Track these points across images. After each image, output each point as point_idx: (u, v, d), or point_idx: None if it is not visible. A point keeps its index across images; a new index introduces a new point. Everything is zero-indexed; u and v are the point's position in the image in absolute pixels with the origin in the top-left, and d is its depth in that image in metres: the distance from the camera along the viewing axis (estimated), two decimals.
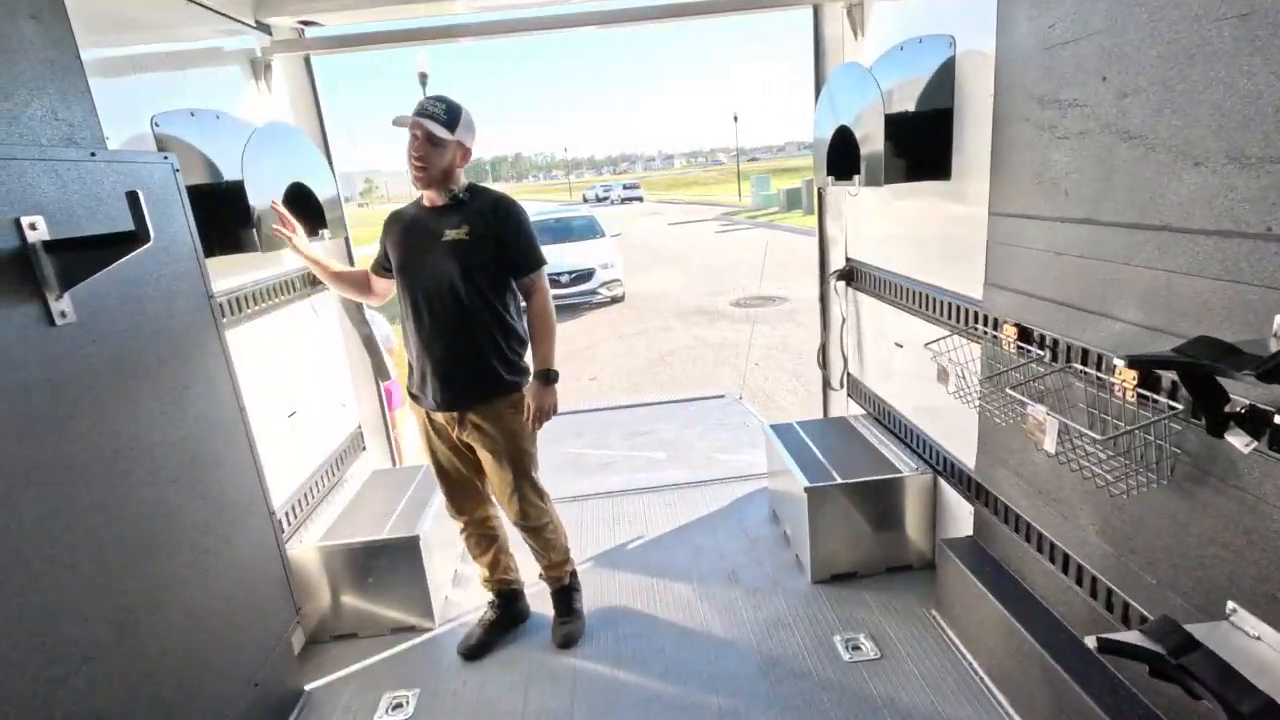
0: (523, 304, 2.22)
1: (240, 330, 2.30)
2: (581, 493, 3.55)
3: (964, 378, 1.91)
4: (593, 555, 2.96)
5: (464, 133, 2.05)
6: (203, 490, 1.76)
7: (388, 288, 2.33)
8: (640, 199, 46.93)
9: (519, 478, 2.22)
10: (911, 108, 2.29)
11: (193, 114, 2.19)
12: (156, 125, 2.01)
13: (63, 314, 1.36)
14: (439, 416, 2.19)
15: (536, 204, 38.96)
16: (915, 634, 2.29)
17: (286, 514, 2.48)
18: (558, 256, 11.35)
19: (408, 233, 2.13)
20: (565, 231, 12.94)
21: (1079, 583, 1.73)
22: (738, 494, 3.41)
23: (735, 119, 43.57)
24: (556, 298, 9.07)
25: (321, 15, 2.86)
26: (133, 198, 1.33)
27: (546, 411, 2.18)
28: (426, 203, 2.13)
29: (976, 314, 2.08)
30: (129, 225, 1.41)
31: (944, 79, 2.15)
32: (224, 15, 2.50)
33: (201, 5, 2.38)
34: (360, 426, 3.21)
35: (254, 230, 2.13)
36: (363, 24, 2.97)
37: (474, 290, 2.05)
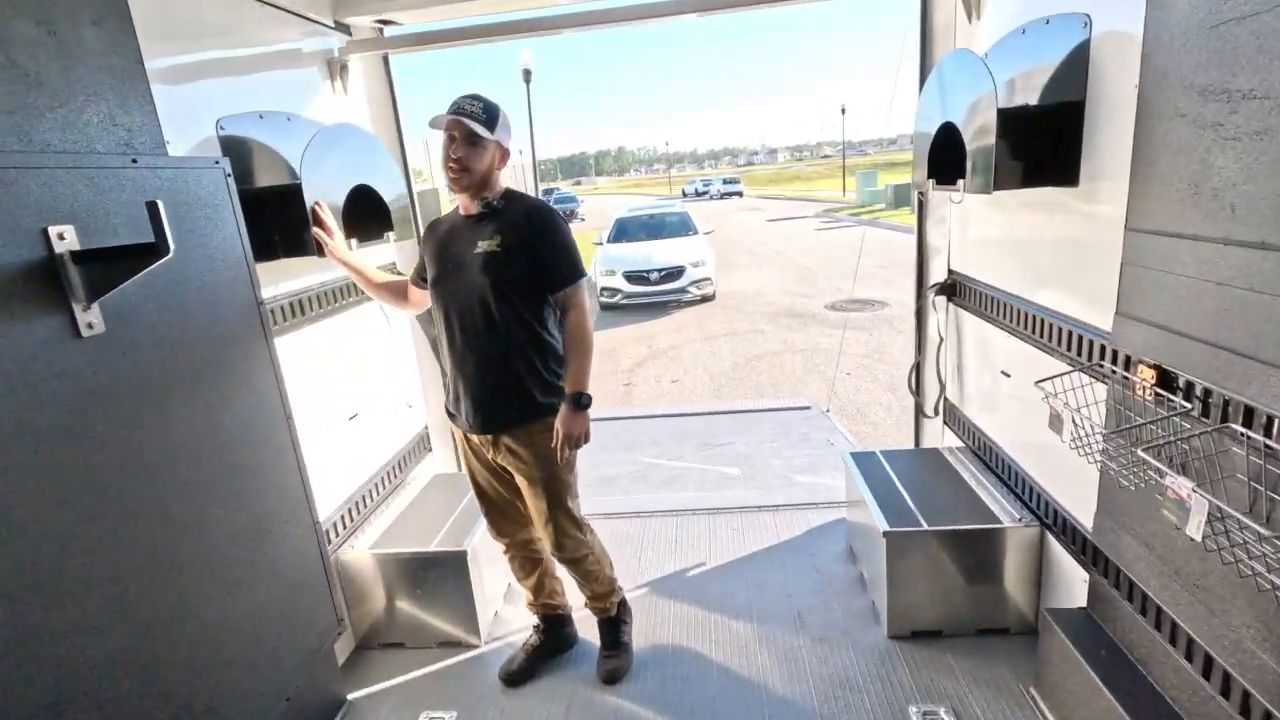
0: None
1: (303, 333, 2.29)
2: (646, 509, 3.39)
3: (1081, 425, 1.59)
4: (650, 580, 2.80)
5: (502, 133, 1.92)
6: (239, 502, 1.73)
7: (425, 298, 2.20)
8: (740, 194, 46.12)
9: (553, 507, 2.06)
10: (1033, 101, 1.95)
11: (261, 116, 2.18)
12: (222, 128, 2.01)
13: (90, 325, 1.34)
14: (475, 437, 2.08)
15: (633, 199, 39.23)
16: (1007, 714, 1.97)
17: (343, 516, 2.47)
18: (647, 254, 11.27)
19: (443, 244, 2.01)
20: (657, 228, 12.81)
21: (1224, 693, 1.39)
22: (812, 523, 3.14)
23: (843, 111, 41.89)
24: (643, 295, 9.01)
25: (400, 14, 2.83)
26: (152, 208, 1.28)
27: (576, 439, 1.97)
28: (463, 211, 2.00)
29: (1104, 348, 1.74)
30: (173, 232, 1.38)
31: (1074, 67, 1.81)
32: (303, 17, 2.51)
33: (280, 8, 2.39)
34: (427, 428, 3.20)
35: (309, 234, 2.10)
36: (441, 21, 2.93)
37: (506, 305, 1.91)
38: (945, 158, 2.24)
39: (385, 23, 2.87)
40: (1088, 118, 1.80)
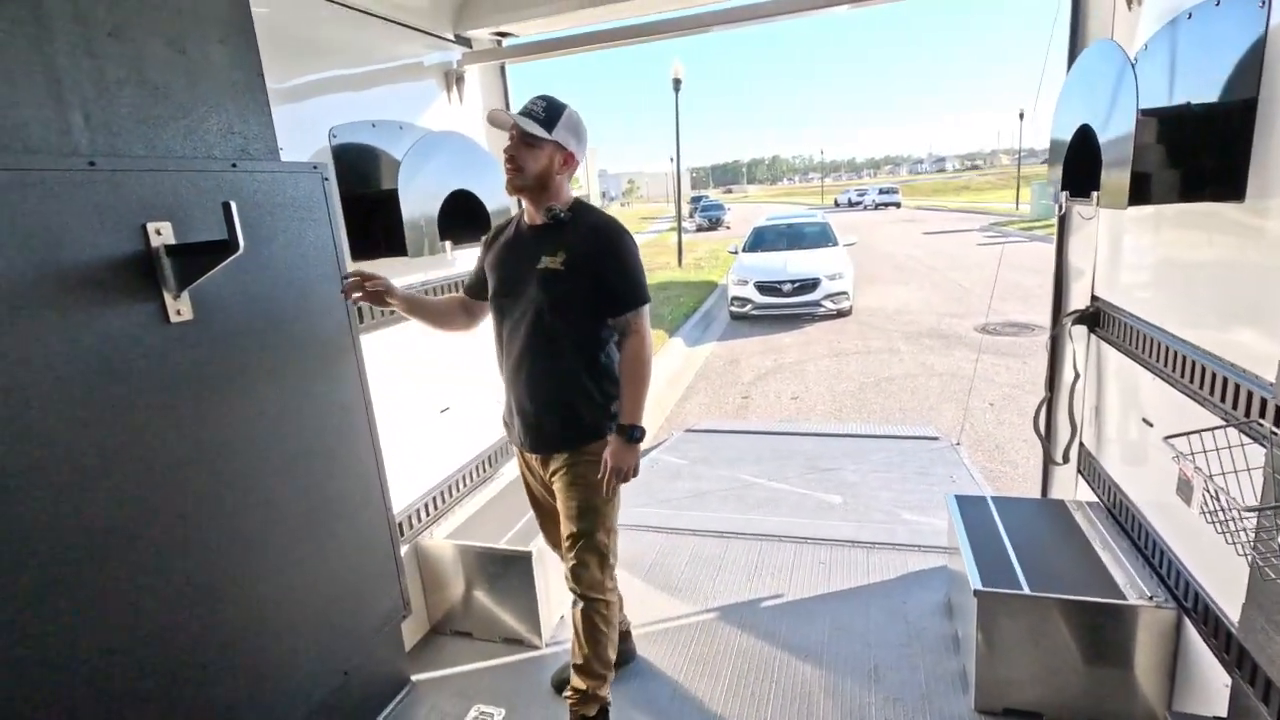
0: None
1: (399, 328, 2.43)
2: (731, 530, 3.26)
3: (1217, 498, 1.28)
4: (721, 605, 2.68)
5: (565, 134, 1.80)
6: (311, 485, 1.86)
7: (472, 312, 2.11)
8: (897, 204, 43.66)
9: (583, 535, 1.91)
10: (1197, 99, 1.63)
11: (374, 125, 2.35)
12: (334, 137, 2.19)
13: (178, 312, 1.49)
14: (523, 453, 2.04)
15: (781, 207, 38.43)
16: None
17: (426, 504, 2.60)
18: (781, 264, 10.94)
19: (504, 255, 1.94)
20: (796, 238, 12.42)
21: None
22: (911, 567, 2.85)
23: (1021, 116, 38.26)
24: (775, 307, 8.75)
25: (517, 25, 2.94)
26: (225, 208, 1.40)
27: (625, 473, 1.86)
28: (527, 220, 1.91)
29: (1264, 402, 1.40)
30: (264, 230, 1.51)
31: (1246, 59, 1.48)
32: (425, 32, 2.68)
33: (404, 25, 2.56)
34: None
35: (403, 237, 2.22)
36: (557, 30, 3.00)
37: (565, 326, 1.82)
38: (1082, 165, 1.94)
39: (503, 34, 2.99)
40: (1260, 119, 1.46)
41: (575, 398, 1.87)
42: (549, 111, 1.79)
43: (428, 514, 2.60)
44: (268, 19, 1.88)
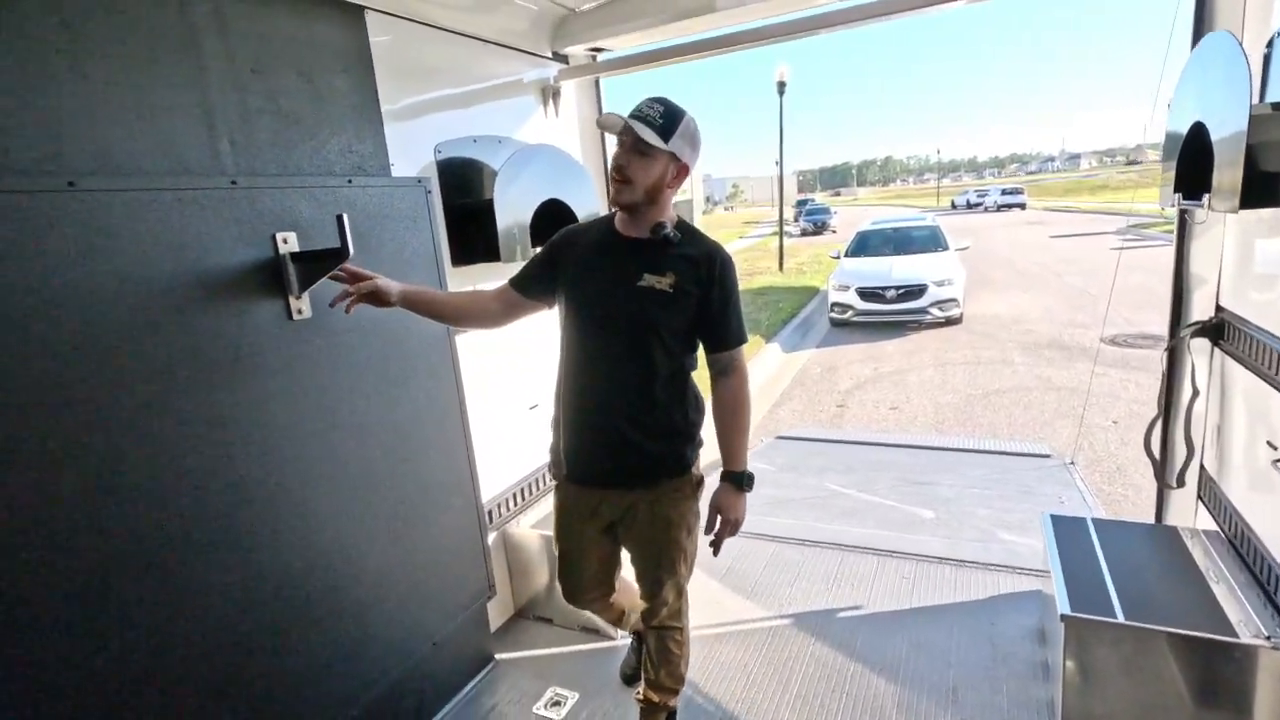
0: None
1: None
2: (813, 538, 3.22)
3: None
4: (796, 612, 2.66)
5: (681, 144, 1.60)
6: (408, 470, 2.04)
7: (513, 308, 1.86)
8: (1021, 205, 40.72)
9: (665, 572, 1.81)
10: None
11: (475, 140, 2.54)
12: (439, 152, 2.38)
13: (299, 311, 1.70)
14: (588, 490, 1.82)
15: (885, 211, 36.84)
16: None
17: (515, 494, 2.76)
18: (886, 269, 10.55)
19: (591, 261, 1.72)
20: (903, 243, 11.91)
21: None
22: (1002, 588, 2.71)
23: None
24: (877, 314, 8.54)
25: (612, 40, 3.06)
26: (338, 219, 1.59)
27: (736, 525, 1.77)
28: (621, 228, 1.71)
29: None
30: (374, 238, 1.70)
31: None
32: (525, 51, 2.85)
33: (504, 45, 2.74)
34: None
35: (497, 243, 2.38)
36: (651, 43, 3.09)
37: (665, 354, 1.66)
38: (1197, 164, 1.80)
39: (598, 49, 3.12)
40: None
41: (670, 429, 1.73)
42: (666, 118, 1.58)
43: (514, 504, 2.76)
44: (383, 46, 2.09)
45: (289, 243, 1.67)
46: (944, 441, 4.91)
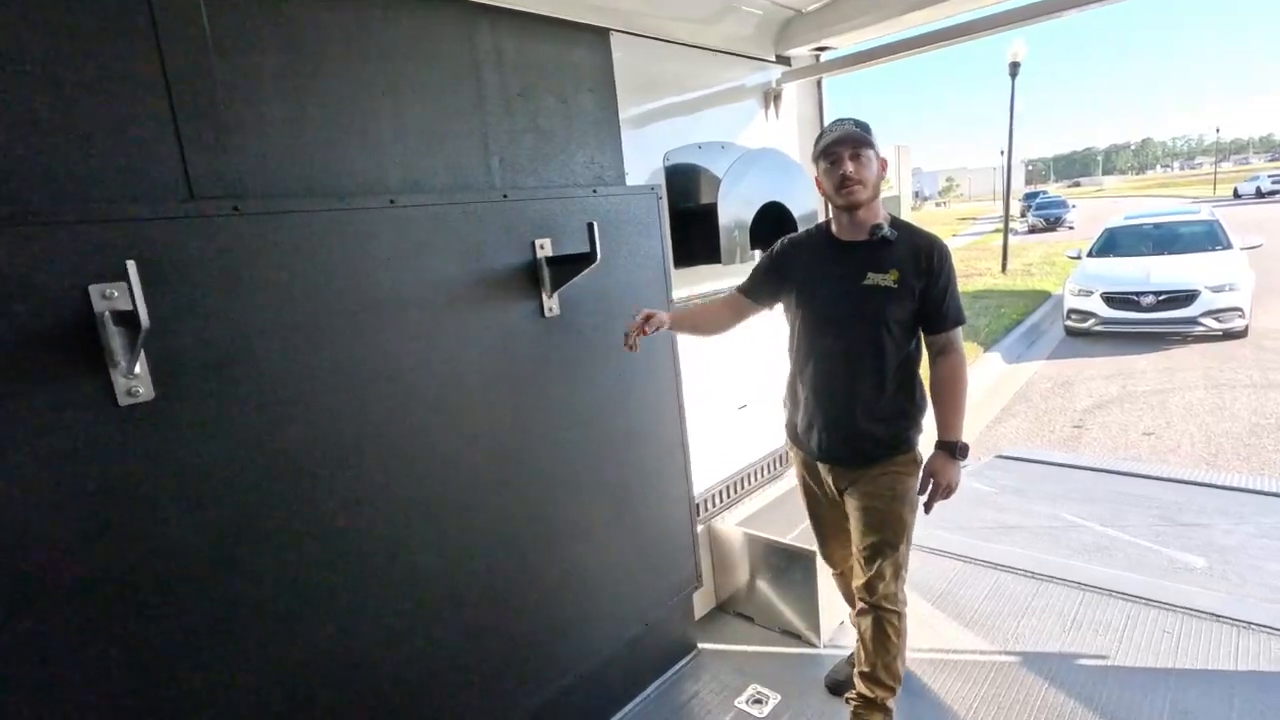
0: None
1: None
2: (1046, 572, 2.89)
3: None
4: (1023, 650, 2.42)
5: (878, 143, 1.86)
6: (631, 459, 2.19)
7: (741, 314, 2.10)
8: None
9: (883, 546, 1.91)
10: None
11: (700, 146, 2.63)
12: (667, 159, 2.51)
13: (551, 309, 1.90)
14: (820, 464, 2.03)
15: (1141, 202, 31.37)
16: None
17: (721, 491, 2.83)
18: (1143, 271, 9.03)
19: (817, 268, 1.92)
20: (1167, 240, 10.07)
21: None
22: None
23: None
24: (1127, 323, 7.54)
25: (836, 39, 3.00)
26: (589, 227, 1.75)
27: (950, 489, 1.89)
28: (839, 234, 1.91)
29: None
30: (612, 243, 1.87)
31: None
32: (749, 57, 2.90)
33: (729, 53, 2.81)
34: None
35: (718, 245, 2.46)
36: (876, 39, 2.98)
37: (894, 345, 1.84)
38: None
39: (822, 49, 3.07)
40: None
41: (898, 413, 1.90)
42: (860, 125, 1.83)
43: (721, 500, 2.83)
44: (621, 63, 2.25)
45: (545, 248, 1.88)
46: (1221, 479, 4.12)
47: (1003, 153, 18.80)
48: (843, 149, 1.81)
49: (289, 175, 1.50)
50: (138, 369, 1.21)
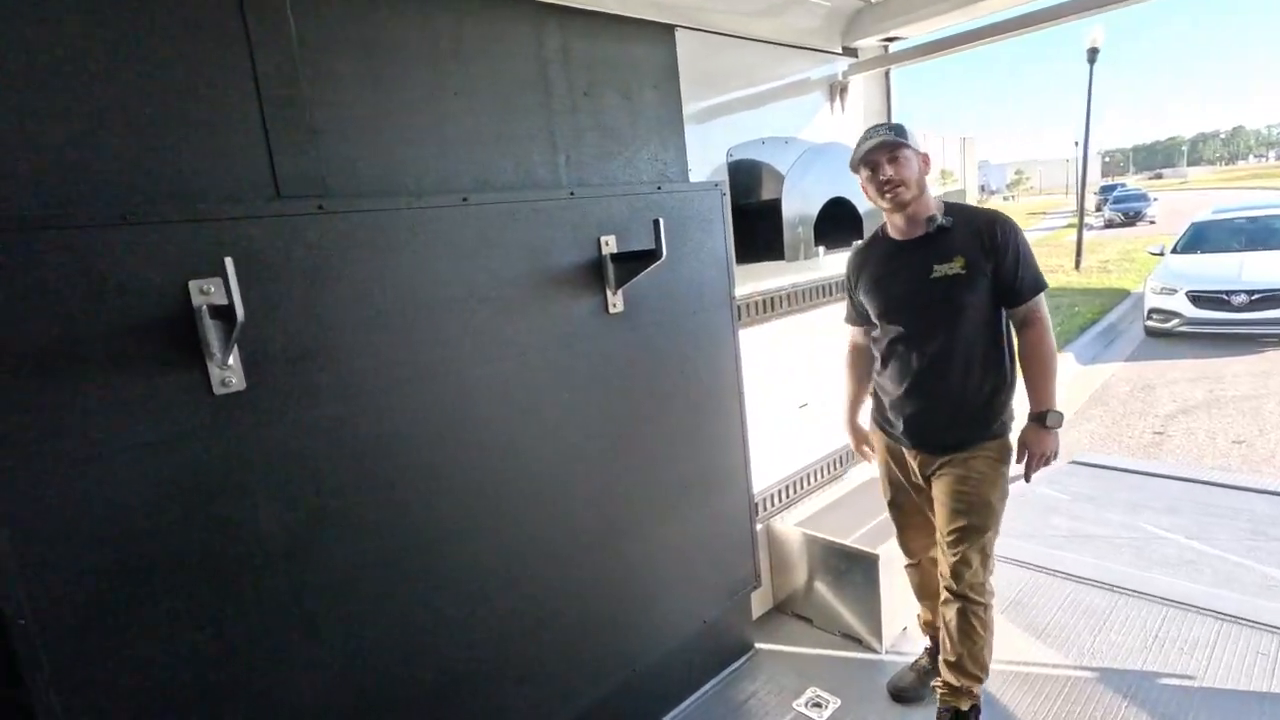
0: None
1: (769, 326, 2.66)
2: (1125, 585, 2.74)
3: None
4: (1100, 666, 2.31)
5: (915, 140, 1.86)
6: (691, 455, 2.19)
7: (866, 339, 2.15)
8: None
9: (971, 533, 1.89)
10: None
11: (763, 142, 2.60)
12: (731, 155, 2.49)
13: (614, 305, 1.92)
14: (907, 450, 2.03)
15: (1232, 195, 29.34)
16: None
17: (780, 490, 2.80)
18: (1233, 269, 8.47)
19: (883, 274, 1.95)
20: (1262, 235, 9.38)
21: None
22: None
23: None
24: (1216, 324, 7.12)
25: (906, 29, 2.91)
26: (655, 224, 1.75)
27: (1047, 458, 1.89)
28: (896, 234, 1.93)
29: None
30: (676, 240, 1.87)
31: None
32: (813, 49, 2.84)
33: (795, 46, 2.76)
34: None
35: (781, 242, 2.42)
36: (947, 28, 2.88)
37: (973, 331, 1.83)
38: None
39: (890, 40, 2.99)
40: None
41: (987, 399, 1.88)
42: (893, 130, 1.84)
43: (780, 500, 2.80)
44: (682, 58, 2.24)
45: (610, 245, 1.89)
46: None
47: (1077, 143, 17.91)
48: (879, 155, 1.82)
49: (369, 174, 1.55)
50: (231, 360, 1.28)
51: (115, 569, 1.21)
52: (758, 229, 2.50)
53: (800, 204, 2.47)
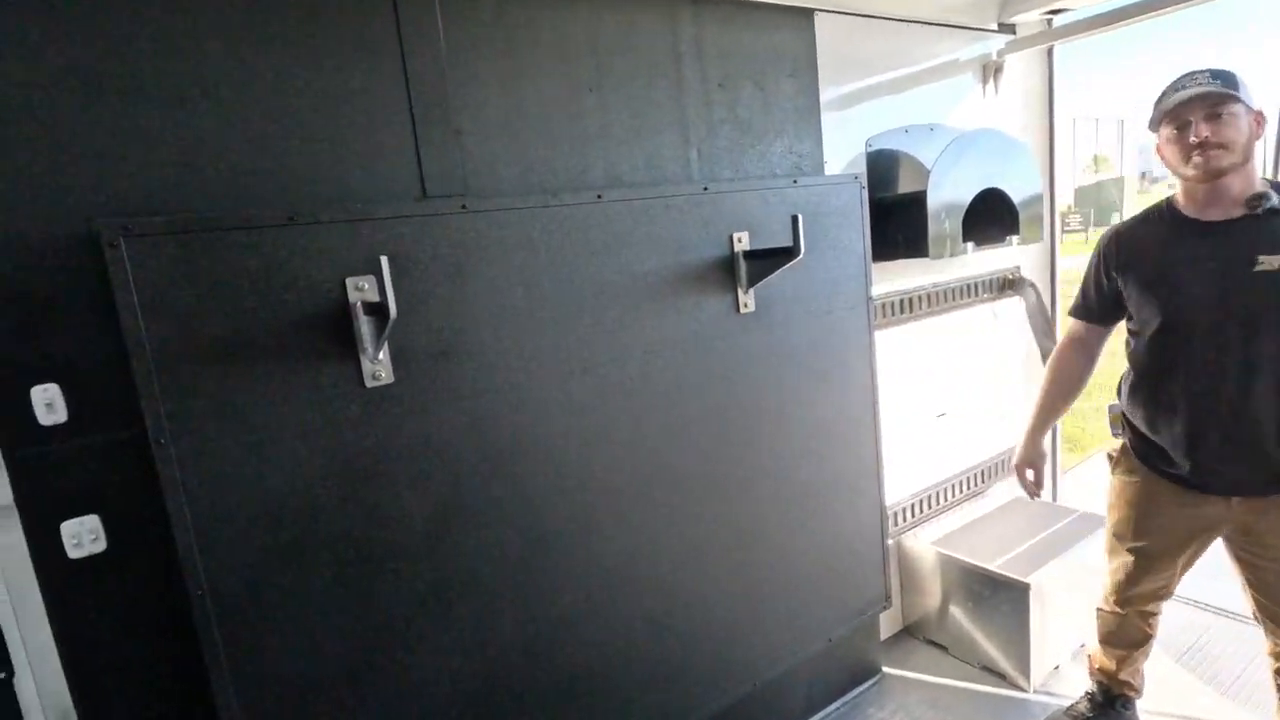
0: None
1: (907, 328, 2.48)
2: None
3: None
4: None
5: (1246, 94, 1.49)
6: (822, 463, 2.07)
7: (1096, 345, 1.84)
8: None
9: None
10: None
11: (906, 130, 2.42)
12: (870, 146, 2.33)
13: (746, 305, 1.84)
14: (1184, 489, 1.69)
15: None
16: None
17: (913, 505, 2.61)
18: None
19: (1172, 256, 1.59)
20: None
21: None
22: None
23: None
24: None
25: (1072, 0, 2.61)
26: (793, 219, 1.65)
27: None
28: (1194, 212, 1.58)
29: None
30: (811, 236, 1.77)
31: None
32: (964, 27, 2.61)
33: (942, 24, 2.55)
34: None
35: (925, 239, 2.24)
36: None
37: None
38: None
39: (1055, 12, 2.69)
40: None
41: None
42: (1219, 77, 1.48)
43: (913, 515, 2.61)
44: (820, 43, 2.11)
45: (743, 241, 1.81)
46: None
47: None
48: (1194, 109, 1.48)
49: (507, 173, 1.57)
50: (381, 355, 1.33)
51: (278, 547, 1.29)
52: (897, 224, 2.33)
53: (948, 196, 2.28)
